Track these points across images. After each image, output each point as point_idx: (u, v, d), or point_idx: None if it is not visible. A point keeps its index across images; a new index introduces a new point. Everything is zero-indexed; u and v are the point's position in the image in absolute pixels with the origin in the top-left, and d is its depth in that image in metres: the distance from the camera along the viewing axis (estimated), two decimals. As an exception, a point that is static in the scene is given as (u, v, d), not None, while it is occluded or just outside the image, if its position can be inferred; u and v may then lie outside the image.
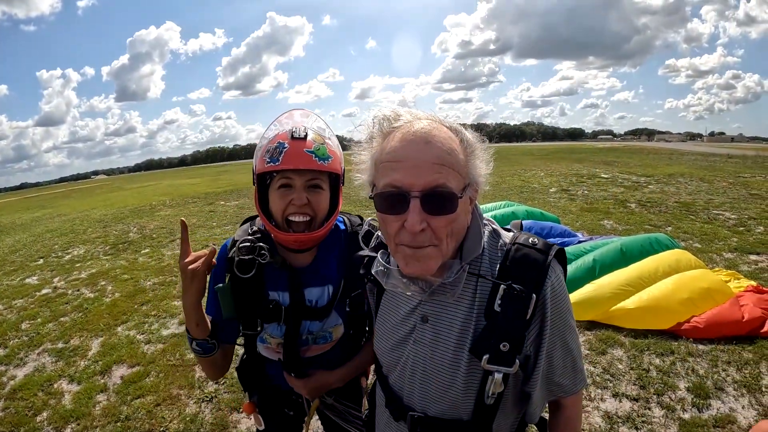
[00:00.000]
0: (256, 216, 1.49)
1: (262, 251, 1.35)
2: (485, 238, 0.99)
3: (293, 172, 1.28)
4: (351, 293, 1.45)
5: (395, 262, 0.97)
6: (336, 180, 1.39)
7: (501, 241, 0.99)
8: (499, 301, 0.91)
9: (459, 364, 0.95)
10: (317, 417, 1.70)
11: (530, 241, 0.97)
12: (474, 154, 0.91)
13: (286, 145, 1.27)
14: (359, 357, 1.55)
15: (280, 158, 1.26)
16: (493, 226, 1.03)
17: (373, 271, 1.01)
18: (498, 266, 0.96)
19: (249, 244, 1.36)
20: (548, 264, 0.93)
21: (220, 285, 1.37)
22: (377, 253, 1.04)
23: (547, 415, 1.14)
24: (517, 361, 0.91)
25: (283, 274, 1.40)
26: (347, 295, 1.45)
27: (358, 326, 1.54)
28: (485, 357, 0.91)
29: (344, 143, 1.19)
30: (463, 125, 0.93)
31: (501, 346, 0.90)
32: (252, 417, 1.64)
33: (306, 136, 1.30)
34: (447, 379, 0.97)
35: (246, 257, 1.35)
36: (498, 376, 0.91)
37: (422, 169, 0.83)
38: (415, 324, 1.01)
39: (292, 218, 1.31)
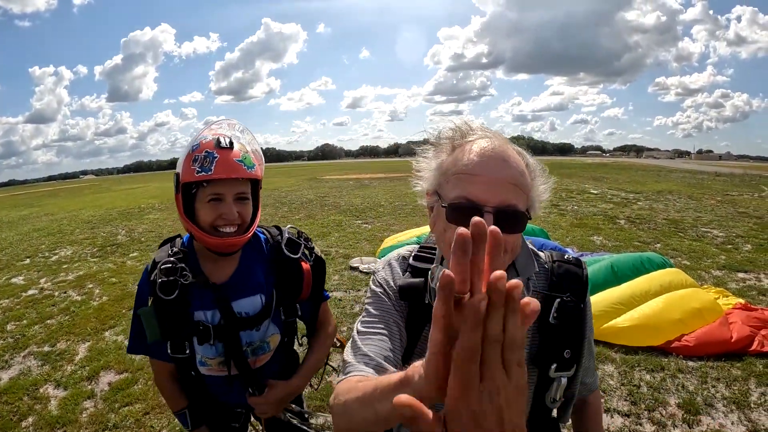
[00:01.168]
0: (175, 237, 1.53)
1: (184, 272, 1.37)
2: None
3: (223, 184, 1.32)
4: (284, 301, 1.50)
5: None
6: (256, 185, 1.44)
7: (540, 260, 1.06)
8: (555, 314, 0.97)
9: None
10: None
11: (565, 257, 1.05)
12: (536, 179, 0.93)
13: (216, 154, 1.31)
14: (310, 359, 1.61)
15: (212, 168, 1.29)
16: (530, 246, 1.06)
17: (433, 285, 0.99)
18: (545, 283, 1.02)
19: (170, 265, 1.36)
20: (586, 276, 1.03)
21: (144, 308, 1.38)
22: (411, 276, 1.05)
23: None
24: (575, 365, 0.99)
25: (207, 292, 1.41)
26: (280, 303, 1.49)
27: (291, 333, 1.60)
28: (553, 366, 0.97)
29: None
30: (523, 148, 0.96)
31: (564, 353, 0.97)
32: None
33: (232, 145, 1.35)
34: None
35: (168, 278, 1.35)
36: (564, 381, 0.97)
37: (498, 187, 0.84)
38: None
39: (221, 228, 1.35)
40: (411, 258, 1.09)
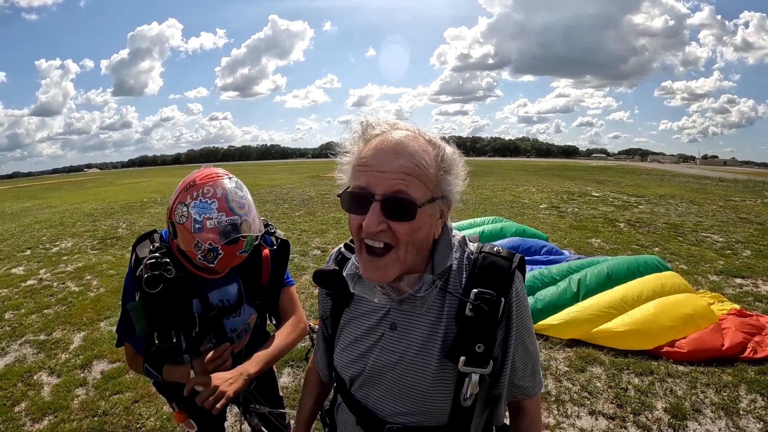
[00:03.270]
0: (151, 232, 1.59)
1: (168, 266, 1.42)
2: (456, 249, 1.02)
3: None
4: (249, 287, 1.61)
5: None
6: None
7: (468, 250, 1.04)
8: (471, 306, 0.95)
9: (429, 369, 0.98)
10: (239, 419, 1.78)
11: (495, 249, 1.02)
12: (450, 170, 0.94)
13: (220, 251, 1.38)
14: (264, 347, 1.58)
15: (215, 262, 1.40)
16: (460, 236, 1.06)
17: (345, 273, 1.06)
18: (466, 274, 1.00)
19: (154, 260, 1.41)
20: (513, 270, 0.99)
21: (132, 303, 1.44)
22: (338, 267, 1.10)
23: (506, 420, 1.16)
24: (491, 362, 0.96)
25: (188, 284, 1.48)
26: (247, 289, 1.60)
27: (262, 315, 1.73)
28: (462, 359, 0.94)
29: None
30: (444, 138, 0.96)
31: (476, 347, 0.94)
32: (184, 424, 1.70)
33: (239, 238, 1.39)
34: (418, 385, 0.99)
35: (153, 273, 1.40)
36: (475, 378, 0.95)
37: (386, 176, 0.87)
38: (383, 332, 1.03)
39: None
40: (343, 246, 1.16)
